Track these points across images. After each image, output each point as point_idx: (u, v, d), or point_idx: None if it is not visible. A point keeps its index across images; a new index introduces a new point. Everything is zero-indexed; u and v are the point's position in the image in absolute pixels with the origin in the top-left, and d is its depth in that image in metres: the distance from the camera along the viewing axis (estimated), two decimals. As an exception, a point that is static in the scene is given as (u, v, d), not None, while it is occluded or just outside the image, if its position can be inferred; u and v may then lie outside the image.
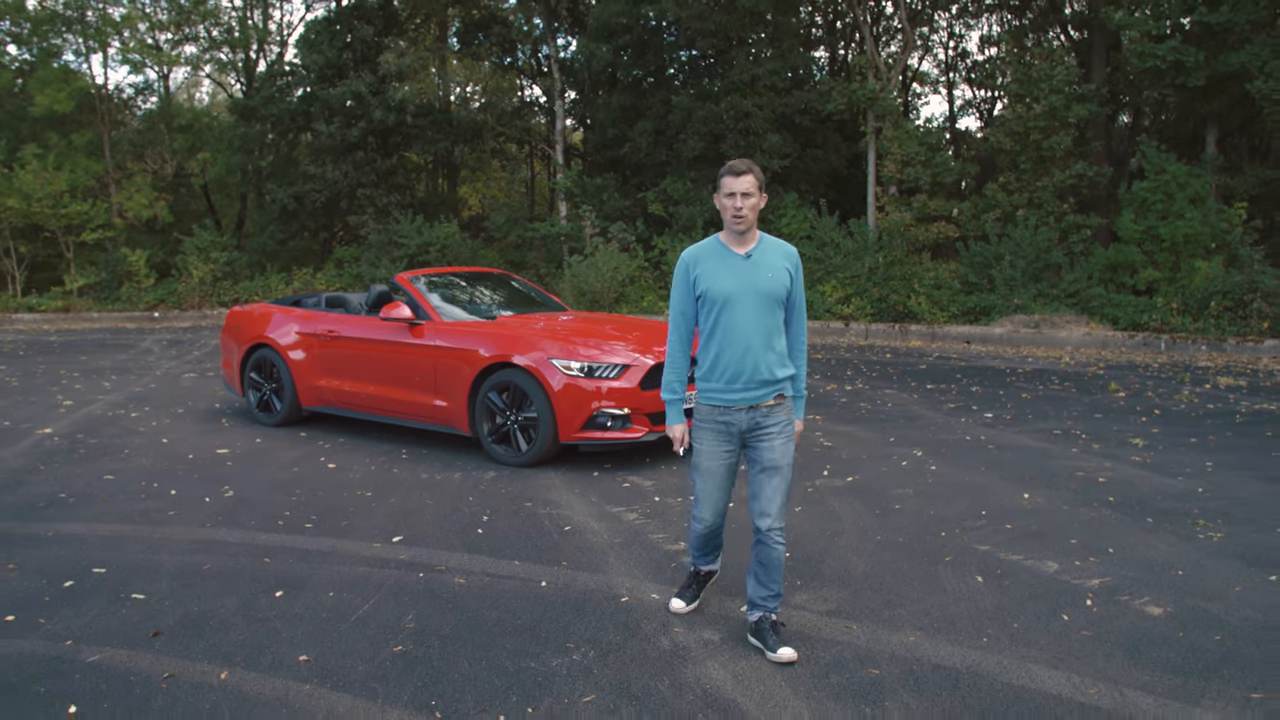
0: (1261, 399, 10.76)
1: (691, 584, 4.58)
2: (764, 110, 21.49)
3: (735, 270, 4.09)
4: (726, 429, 4.15)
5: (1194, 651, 4.08)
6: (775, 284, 4.10)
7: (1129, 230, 18.22)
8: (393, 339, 8.13)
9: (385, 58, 23.31)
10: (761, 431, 4.13)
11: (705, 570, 4.61)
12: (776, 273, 4.12)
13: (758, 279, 4.08)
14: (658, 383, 7.40)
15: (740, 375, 4.08)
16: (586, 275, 19.87)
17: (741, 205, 4.03)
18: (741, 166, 4.06)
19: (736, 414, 4.13)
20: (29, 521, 5.97)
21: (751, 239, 4.17)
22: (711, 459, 4.20)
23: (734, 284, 4.07)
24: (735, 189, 4.03)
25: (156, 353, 15.70)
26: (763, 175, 4.13)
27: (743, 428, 4.14)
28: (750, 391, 4.10)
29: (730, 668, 3.89)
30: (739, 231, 4.10)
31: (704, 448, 4.21)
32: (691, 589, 4.56)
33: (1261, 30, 17.56)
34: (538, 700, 3.60)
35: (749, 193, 4.04)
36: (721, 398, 4.13)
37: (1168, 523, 5.99)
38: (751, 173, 4.05)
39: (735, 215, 4.05)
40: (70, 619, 4.38)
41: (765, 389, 4.12)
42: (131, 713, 3.50)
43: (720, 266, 4.11)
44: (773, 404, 4.15)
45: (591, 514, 6.13)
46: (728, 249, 4.15)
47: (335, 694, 3.64)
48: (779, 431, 4.13)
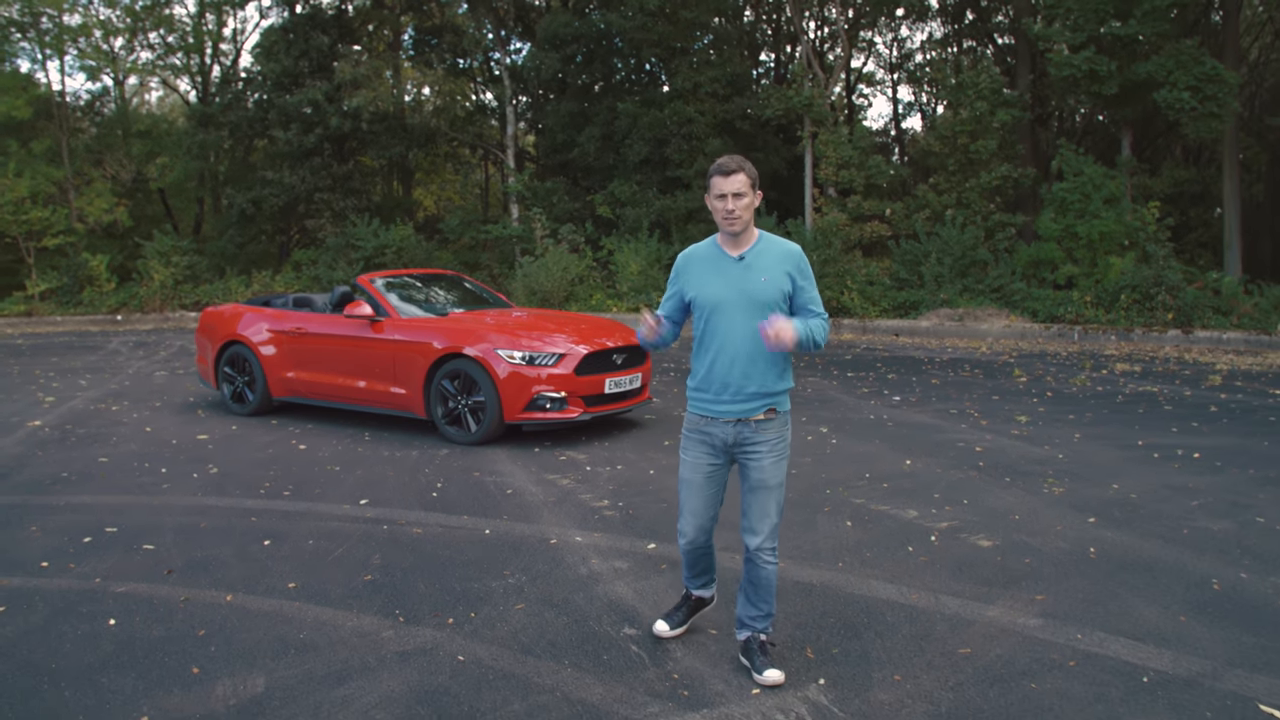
0: (1148, 382, 11.95)
1: (681, 606, 4.33)
2: (706, 116, 22.55)
3: (726, 274, 3.88)
4: (710, 441, 3.95)
5: (1004, 571, 5.15)
6: (769, 289, 3.84)
7: (1049, 229, 19.50)
8: (355, 334, 9.08)
9: (341, 66, 24.11)
10: (750, 448, 3.91)
11: (696, 595, 4.33)
12: (772, 276, 3.85)
13: (749, 284, 3.84)
14: (592, 369, 8.45)
15: (728, 386, 3.88)
16: (537, 275, 20.81)
17: (733, 206, 3.79)
18: (731, 165, 3.80)
19: (722, 426, 3.91)
20: (40, 495, 6.86)
21: (747, 240, 3.92)
22: (693, 470, 4.00)
23: (723, 290, 3.87)
24: (725, 189, 3.79)
25: (125, 353, 16.44)
26: (755, 172, 3.85)
27: (729, 441, 3.93)
28: (738, 404, 3.88)
29: (634, 586, 4.91)
30: (732, 233, 3.87)
31: (687, 458, 4.03)
32: (680, 611, 4.32)
33: (1167, 43, 18.84)
34: (479, 608, 4.60)
35: (740, 192, 3.79)
36: (708, 408, 3.93)
37: (1022, 481, 7.09)
38: (742, 170, 3.79)
39: (726, 217, 3.81)
40: (95, 564, 5.31)
41: (755, 402, 3.89)
42: (159, 621, 4.45)
43: (710, 271, 3.92)
44: (762, 418, 3.90)
45: (531, 480, 7.14)
46: (721, 251, 3.93)
47: (319, 608, 4.61)
48: (769, 450, 3.92)
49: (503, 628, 4.38)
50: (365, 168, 27.52)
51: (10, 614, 4.58)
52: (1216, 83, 18.18)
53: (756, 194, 3.85)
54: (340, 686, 3.79)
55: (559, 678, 3.88)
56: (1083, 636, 4.26)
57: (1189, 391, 11.23)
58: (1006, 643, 4.21)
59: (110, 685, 3.82)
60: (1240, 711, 3.59)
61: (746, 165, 3.82)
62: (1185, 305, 16.94)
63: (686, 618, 4.32)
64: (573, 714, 3.58)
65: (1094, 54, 18.77)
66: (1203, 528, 5.90)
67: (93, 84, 27.73)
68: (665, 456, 7.93)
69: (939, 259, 19.69)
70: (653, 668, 3.97)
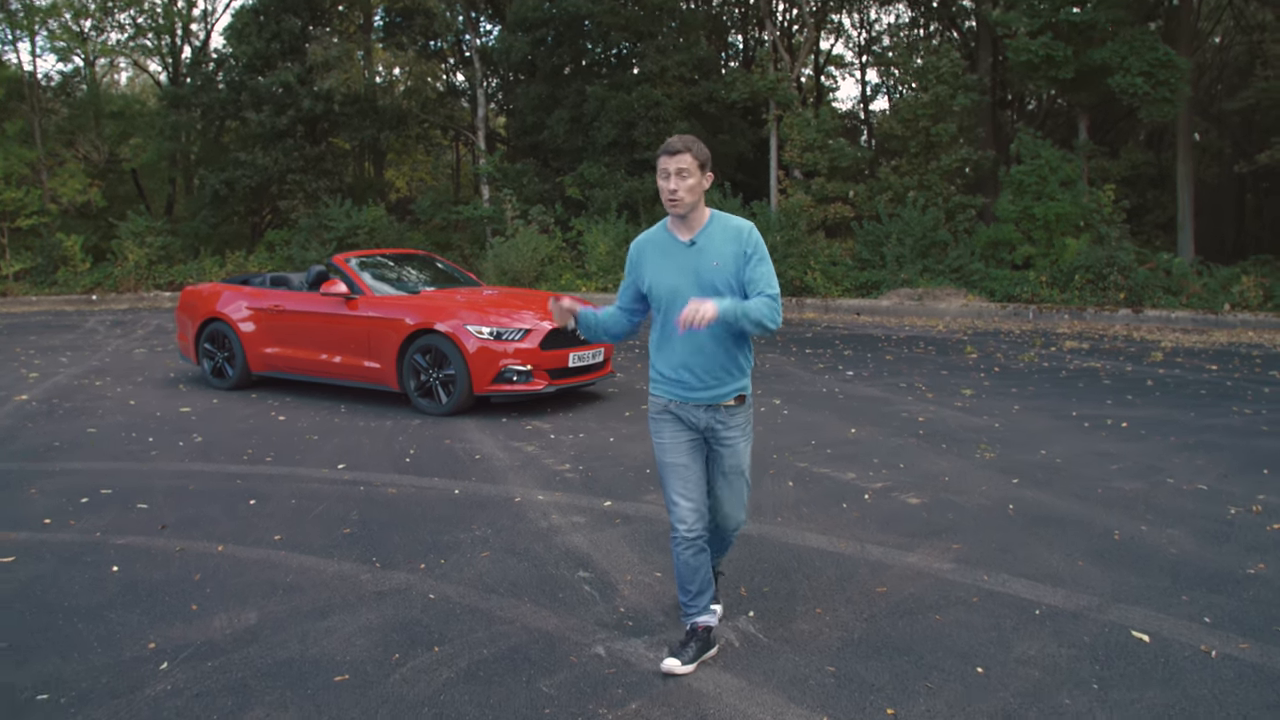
0: (1093, 359, 12.53)
1: (690, 641, 3.87)
2: (673, 99, 22.98)
3: (677, 261, 3.78)
4: (681, 419, 3.86)
5: (928, 524, 5.67)
6: (719, 274, 3.73)
7: (1006, 210, 20.09)
8: (331, 311, 9.50)
9: (313, 49, 24.33)
10: (723, 435, 3.86)
11: (702, 624, 3.92)
12: (723, 260, 3.73)
13: (701, 269, 3.74)
14: (556, 344, 8.91)
15: (693, 374, 3.79)
16: (508, 255, 21.22)
17: (675, 186, 3.67)
18: (677, 145, 3.69)
19: (693, 411, 3.83)
20: (34, 461, 7.27)
21: (697, 222, 3.79)
22: (673, 449, 3.85)
23: (676, 278, 3.77)
24: (669, 167, 3.67)
25: (102, 332, 16.74)
26: (706, 152, 3.75)
27: (700, 425, 3.86)
28: (707, 391, 3.80)
29: (589, 537, 5.40)
30: (678, 216, 3.76)
31: (664, 439, 3.87)
32: (690, 647, 3.85)
33: (1123, 29, 19.40)
34: (448, 556, 5.08)
35: (684, 170, 3.66)
36: (676, 394, 3.84)
37: (957, 447, 7.62)
38: (689, 150, 3.67)
39: (670, 198, 3.70)
40: (94, 521, 5.74)
41: (724, 387, 3.82)
42: (158, 568, 4.90)
43: (662, 259, 3.82)
44: (732, 404, 3.85)
45: (498, 447, 7.61)
46: (672, 237, 3.82)
47: (303, 556, 5.07)
48: (740, 434, 3.88)
49: (469, 571, 4.85)
50: (337, 149, 27.76)
51: (21, 563, 5.02)
52: (1169, 68, 18.74)
53: (706, 175, 3.72)
54: (324, 619, 4.26)
55: (518, 611, 4.36)
56: (989, 578, 4.78)
57: (1130, 367, 11.81)
58: (920, 583, 4.73)
59: (118, 620, 4.28)
60: (1114, 636, 4.11)
61: (695, 145, 3.70)
62: (1136, 285, 17.56)
63: (699, 653, 3.86)
64: (530, 640, 4.07)
65: (1051, 40, 19.29)
66: (1116, 488, 6.44)
67: (64, 65, 27.80)
68: (625, 426, 8.42)
69: (900, 240, 20.24)
70: (602, 604, 4.46)
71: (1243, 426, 8.36)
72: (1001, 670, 3.81)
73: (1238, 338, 14.96)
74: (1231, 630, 4.15)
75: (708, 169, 3.74)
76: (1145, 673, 3.78)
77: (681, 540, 3.81)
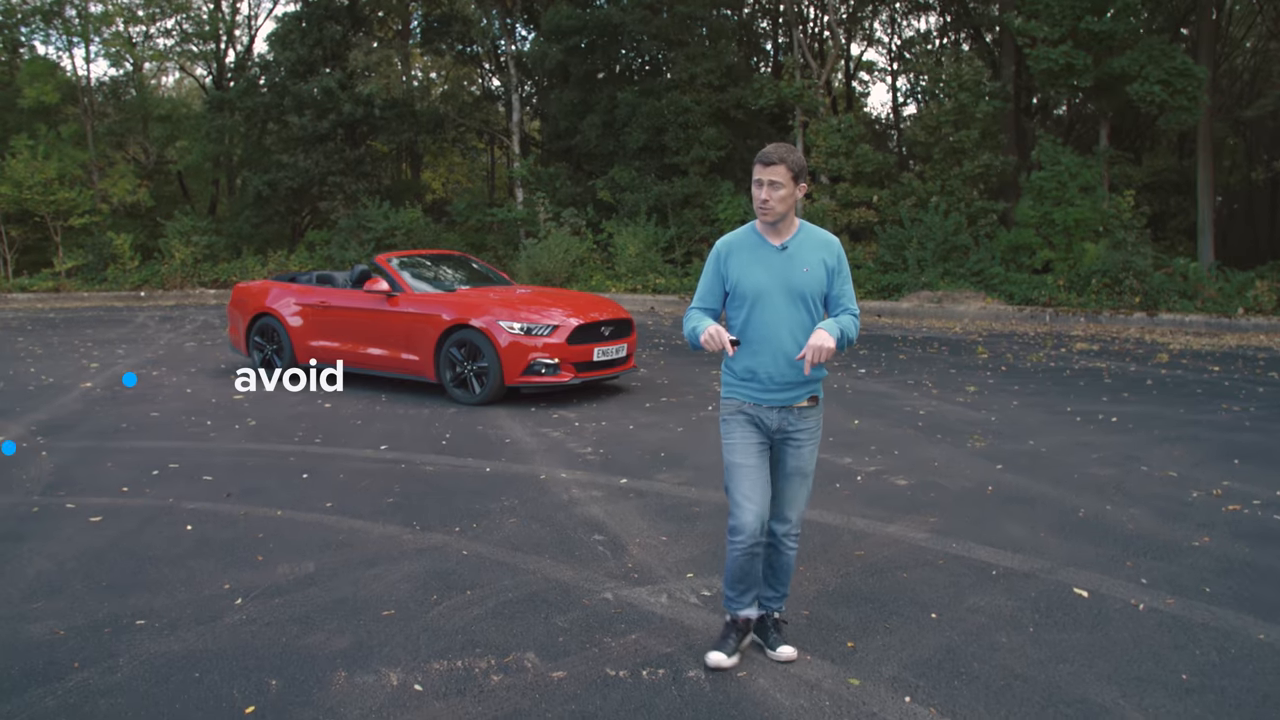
0: (1100, 360, 13.04)
1: (729, 634, 4.01)
2: (702, 105, 23.60)
3: (768, 263, 3.84)
4: (756, 421, 3.91)
5: (911, 501, 6.28)
6: (810, 280, 3.83)
7: (1026, 215, 20.57)
8: (373, 307, 10.23)
9: (353, 55, 25.18)
10: (792, 435, 3.91)
11: (744, 617, 4.03)
12: (813, 267, 3.84)
13: (792, 273, 3.82)
14: (583, 339, 9.59)
15: (773, 376, 3.84)
16: (540, 257, 21.93)
17: (768, 197, 3.75)
18: (773, 155, 3.74)
19: (767, 413, 3.88)
20: (107, 440, 8.02)
21: (788, 229, 3.88)
22: (744, 451, 3.89)
23: (766, 278, 3.82)
24: (763, 178, 3.75)
25: (153, 327, 17.58)
26: (802, 163, 3.78)
27: (773, 427, 3.90)
28: (783, 392, 3.86)
29: (605, 509, 6.05)
30: (768, 224, 3.84)
31: (735, 441, 3.92)
32: (731, 640, 3.99)
33: (1143, 38, 19.84)
34: (480, 521, 5.75)
35: (777, 182, 3.72)
36: (754, 397, 3.89)
37: (951, 437, 8.21)
38: (784, 163, 3.73)
39: (761, 206, 3.78)
40: (166, 489, 6.47)
41: (798, 389, 3.88)
42: (227, 527, 5.61)
43: (752, 259, 3.86)
44: (805, 405, 3.92)
45: (527, 433, 8.29)
46: (763, 239, 3.88)
47: (352, 520, 5.76)
48: (809, 437, 3.94)
49: (498, 534, 5.53)
50: (376, 152, 28.60)
51: (107, 522, 5.74)
52: (1187, 77, 19.15)
53: (799, 186, 3.79)
54: (372, 569, 4.95)
55: (540, 565, 5.03)
56: (957, 546, 5.39)
57: (1135, 368, 12.32)
58: (894, 549, 5.34)
59: (197, 567, 4.98)
60: (1057, 593, 4.71)
61: (791, 157, 3.75)
62: (1152, 289, 17.99)
63: (739, 644, 4.01)
64: (549, 587, 4.73)
65: (1071, 48, 19.76)
66: (1091, 474, 7.01)
67: (115, 70, 28.82)
68: (645, 416, 9.07)
69: (921, 244, 20.76)
70: (613, 560, 5.11)
71: (1228, 422, 8.88)
72: (952, 616, 4.42)
73: (1248, 341, 15.38)
74: (1163, 590, 4.74)
75: (801, 180, 3.80)
76: (1077, 620, 4.38)
77: (743, 549, 3.87)
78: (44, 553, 5.20)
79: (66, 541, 5.37)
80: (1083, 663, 3.96)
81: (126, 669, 3.85)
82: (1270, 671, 3.89)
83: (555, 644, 4.09)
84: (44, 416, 9.03)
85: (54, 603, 4.52)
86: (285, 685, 3.72)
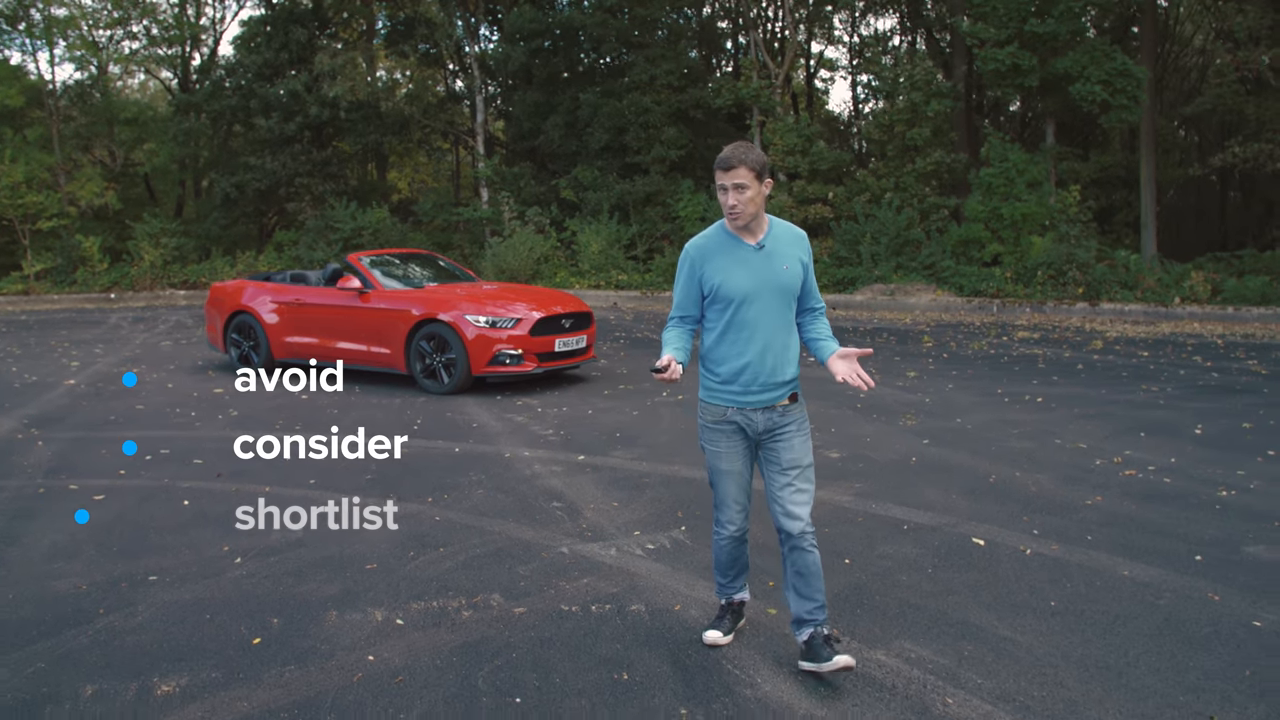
0: (1038, 347, 13.80)
1: (724, 615, 4.21)
2: (662, 106, 24.26)
3: (749, 264, 3.80)
4: (741, 427, 3.92)
5: (841, 471, 6.95)
6: (790, 277, 3.83)
7: (976, 210, 21.36)
8: (346, 304, 10.81)
9: (319, 58, 25.64)
10: (779, 431, 3.91)
11: (737, 600, 4.23)
12: (791, 264, 3.84)
13: (774, 272, 3.81)
14: (545, 331, 10.24)
15: (758, 377, 3.83)
16: (505, 255, 22.52)
17: (735, 201, 3.70)
18: (731, 159, 3.68)
19: (751, 415, 3.88)
20: (96, 431, 8.56)
21: (760, 227, 3.83)
22: (730, 458, 3.95)
23: (750, 280, 3.79)
24: (726, 183, 3.70)
25: (126, 328, 18.02)
26: (762, 159, 3.72)
27: (759, 429, 3.90)
28: (768, 393, 3.86)
29: (564, 481, 6.69)
30: (739, 226, 3.79)
31: (721, 448, 3.96)
32: (726, 620, 4.20)
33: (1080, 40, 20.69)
34: (450, 493, 6.38)
35: (743, 185, 3.68)
36: (737, 399, 3.88)
37: (885, 417, 8.90)
38: (744, 163, 3.67)
39: (729, 212, 3.74)
40: (159, 472, 7.04)
41: (782, 389, 3.89)
42: (219, 502, 6.20)
43: (732, 261, 3.81)
44: (786, 404, 3.92)
45: (493, 418, 8.91)
46: (738, 239, 3.83)
47: (335, 494, 6.36)
48: (797, 429, 3.94)
49: (467, 503, 6.16)
50: (342, 153, 29.04)
51: (109, 500, 6.32)
52: (1126, 77, 20.00)
53: (764, 183, 3.72)
54: (354, 532, 5.55)
55: (504, 527, 5.66)
56: (876, 506, 6.07)
57: (1069, 354, 13.07)
58: (820, 510, 5.98)
59: (196, 534, 5.58)
60: (957, 542, 5.40)
61: (750, 155, 3.69)
62: (1094, 281, 18.82)
63: (735, 623, 4.21)
64: (512, 544, 5.37)
65: (1017, 49, 20.57)
66: (1009, 446, 7.71)
67: (80, 74, 29.10)
68: (603, 401, 9.71)
69: (875, 238, 21.53)
70: (569, 522, 5.76)
71: (1144, 401, 9.62)
72: (863, 561, 5.10)
73: (1182, 328, 16.20)
74: (1051, 538, 5.43)
75: (765, 175, 3.73)
76: (970, 563, 5.07)
77: (728, 539, 4.06)
78: (56, 526, 5.78)
79: (75, 516, 5.94)
80: (969, 594, 4.65)
81: (145, 614, 4.45)
82: (1126, 598, 4.58)
83: (517, 587, 4.73)
84: (34, 410, 9.54)
85: (73, 565, 5.10)
86: (285, 623, 4.34)
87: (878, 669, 3.91)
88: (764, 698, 3.70)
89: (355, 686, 3.78)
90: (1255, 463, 7.08)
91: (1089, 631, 4.23)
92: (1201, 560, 5.05)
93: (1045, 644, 4.12)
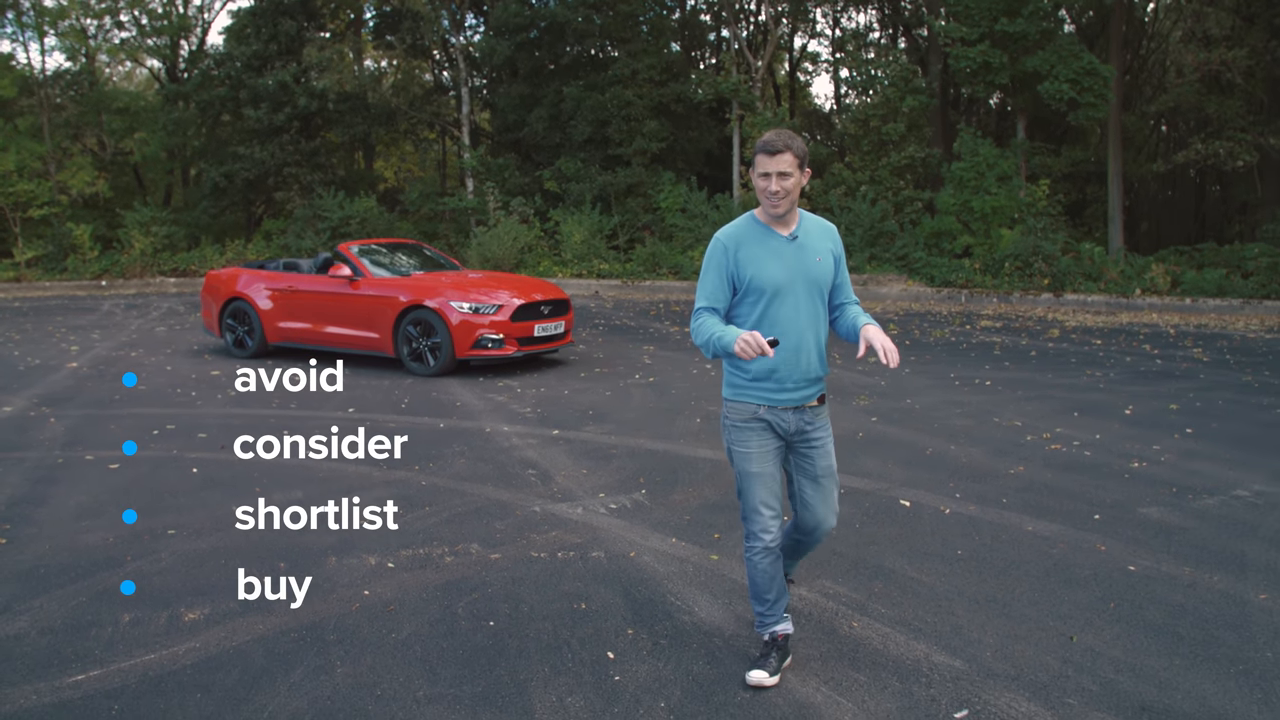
0: (998, 335, 14.50)
1: (770, 653, 3.88)
2: (643, 99, 24.88)
3: (782, 255, 3.69)
4: (772, 427, 3.78)
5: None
6: (822, 270, 3.75)
7: (947, 204, 22.08)
8: (337, 291, 11.44)
9: (308, 51, 26.16)
10: (810, 435, 3.84)
11: (781, 632, 3.93)
12: (824, 256, 3.77)
13: (807, 265, 3.72)
14: (525, 317, 10.89)
15: (792, 374, 3.72)
16: (490, 244, 23.13)
17: (779, 188, 3.59)
18: (778, 144, 3.57)
19: (783, 414, 3.76)
20: (103, 409, 9.18)
21: (793, 218, 3.74)
22: (761, 459, 3.78)
23: (783, 272, 3.68)
24: (770, 169, 3.58)
25: (120, 314, 18.57)
26: (804, 148, 3.61)
27: (789, 430, 3.78)
28: (800, 390, 3.75)
29: (539, 452, 7.35)
30: (776, 215, 3.67)
31: (752, 448, 3.78)
32: (772, 659, 3.86)
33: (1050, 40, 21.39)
34: (435, 462, 7.04)
35: (786, 172, 3.58)
36: (770, 398, 3.74)
37: (841, 398, 9.57)
38: (790, 149, 3.57)
39: (770, 197, 3.61)
40: (167, 445, 7.66)
41: (813, 387, 3.81)
42: (226, 470, 6.83)
43: (765, 252, 3.69)
44: (816, 405, 3.85)
45: (475, 398, 9.56)
46: (770, 230, 3.72)
47: (331, 463, 7.00)
48: (827, 435, 3.89)
49: (450, 470, 6.81)
50: (330, 143, 29.56)
51: (123, 470, 6.95)
52: (1093, 76, 20.70)
53: (804, 172, 3.64)
54: (350, 495, 6.17)
55: (483, 490, 6.32)
56: (820, 474, 6.73)
57: (1026, 341, 13.77)
58: (770, 477, 6.68)
59: (207, 497, 6.22)
60: (886, 504, 6.07)
61: (795, 142, 3.60)
62: (1059, 272, 19.55)
63: (779, 666, 3.86)
64: (490, 504, 6.03)
65: (989, 48, 21.26)
66: (950, 424, 8.39)
67: (70, 63, 29.51)
68: (579, 383, 10.37)
69: (849, 230, 22.19)
70: (542, 486, 6.42)
71: (1085, 385, 10.32)
72: (800, 519, 5.76)
73: (1140, 319, 16.94)
74: (971, 501, 6.12)
75: (806, 165, 3.65)
76: (894, 520, 5.75)
77: (762, 550, 3.81)
78: (79, 490, 6.41)
79: (96, 482, 6.58)
80: (888, 545, 5.33)
81: (168, 560, 5.11)
82: (1025, 549, 5.27)
83: (493, 538, 5.39)
84: (41, 391, 10.13)
85: (98, 522, 5.74)
86: (291, 565, 5.01)
87: (799, 601, 4.58)
88: (699, 623, 4.37)
89: (353, 614, 4.44)
90: (1171, 439, 7.78)
91: (985, 574, 4.91)
92: (1099, 519, 5.74)
93: (945, 583, 4.80)
